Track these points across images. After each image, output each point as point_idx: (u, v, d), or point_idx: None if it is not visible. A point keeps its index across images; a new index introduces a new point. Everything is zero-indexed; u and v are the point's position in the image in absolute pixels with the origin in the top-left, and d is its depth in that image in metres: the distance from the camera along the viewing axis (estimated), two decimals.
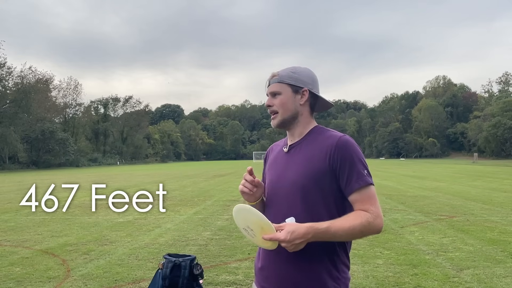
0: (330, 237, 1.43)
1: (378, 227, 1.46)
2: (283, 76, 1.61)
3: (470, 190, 14.59)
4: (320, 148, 1.53)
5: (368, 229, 1.44)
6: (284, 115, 1.60)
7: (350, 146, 1.50)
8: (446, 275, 4.63)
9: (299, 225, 1.41)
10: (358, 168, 1.48)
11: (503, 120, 67.36)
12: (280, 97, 1.60)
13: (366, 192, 1.48)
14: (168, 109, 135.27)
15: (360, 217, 1.44)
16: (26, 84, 54.90)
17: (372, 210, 1.45)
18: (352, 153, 1.50)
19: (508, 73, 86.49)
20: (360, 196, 1.47)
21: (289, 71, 1.62)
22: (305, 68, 1.65)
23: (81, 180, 24.57)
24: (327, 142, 1.53)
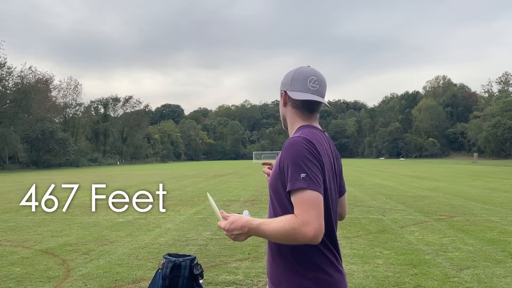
0: (262, 235, 1.45)
1: (306, 235, 1.35)
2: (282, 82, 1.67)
3: (470, 190, 14.59)
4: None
5: (292, 234, 1.36)
6: (283, 121, 1.71)
7: (292, 148, 1.46)
8: (446, 275, 4.63)
9: (240, 218, 1.49)
10: (293, 171, 1.42)
11: (503, 120, 67.32)
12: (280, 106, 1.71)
13: (298, 196, 1.39)
14: (168, 109, 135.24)
15: (287, 221, 1.38)
16: (26, 84, 54.88)
17: (300, 216, 1.36)
18: (292, 155, 1.45)
19: (508, 73, 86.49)
20: (294, 200, 1.41)
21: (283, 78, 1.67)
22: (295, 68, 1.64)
23: (81, 180, 24.56)
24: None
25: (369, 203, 10.89)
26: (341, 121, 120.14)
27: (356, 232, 7.11)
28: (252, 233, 1.47)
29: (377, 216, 8.80)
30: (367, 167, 40.32)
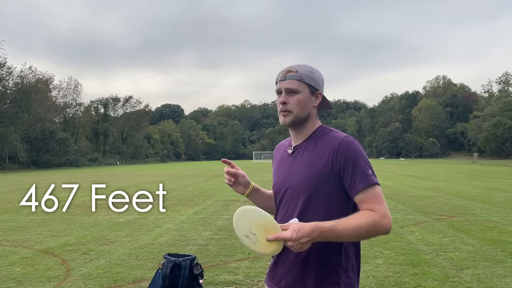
0: (335, 237, 1.39)
1: (386, 227, 1.42)
2: (303, 75, 1.54)
3: (470, 190, 14.59)
4: (323, 149, 1.51)
5: (375, 229, 1.40)
6: (298, 115, 1.55)
7: (353, 147, 1.48)
8: (446, 275, 4.63)
9: (304, 224, 1.38)
10: (362, 168, 1.46)
11: (503, 120, 67.32)
12: (298, 96, 1.53)
13: (371, 192, 1.44)
14: (168, 109, 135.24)
15: (366, 216, 1.41)
16: (26, 84, 54.86)
17: (378, 209, 1.42)
18: (355, 153, 1.47)
19: (508, 73, 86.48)
20: (365, 196, 1.44)
21: (308, 71, 1.55)
22: (317, 69, 1.62)
23: (81, 180, 24.56)
24: (330, 143, 1.51)
25: None
26: (341, 121, 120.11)
27: None
28: (321, 237, 1.38)
29: None
30: None
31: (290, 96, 1.54)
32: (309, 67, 1.57)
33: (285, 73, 1.55)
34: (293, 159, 1.59)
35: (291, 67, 1.56)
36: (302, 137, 1.60)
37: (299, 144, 1.60)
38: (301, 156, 1.57)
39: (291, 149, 1.61)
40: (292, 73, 1.54)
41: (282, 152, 1.68)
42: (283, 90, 1.55)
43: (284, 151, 1.67)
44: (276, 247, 1.40)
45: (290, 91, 1.54)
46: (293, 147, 1.61)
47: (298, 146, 1.60)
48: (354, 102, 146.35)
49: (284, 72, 1.56)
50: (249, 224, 1.43)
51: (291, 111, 1.54)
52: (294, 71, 1.54)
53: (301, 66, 1.57)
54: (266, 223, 1.41)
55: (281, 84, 1.56)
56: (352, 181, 1.45)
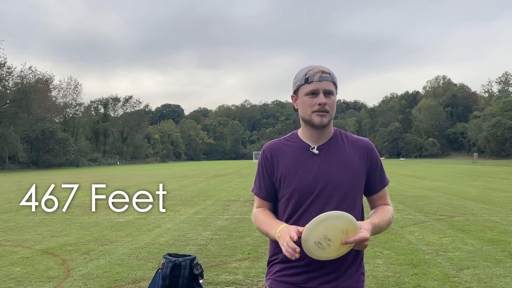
0: (376, 232, 1.58)
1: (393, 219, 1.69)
2: (334, 77, 1.61)
3: (470, 190, 14.59)
4: (355, 150, 1.64)
5: (391, 221, 1.66)
6: (332, 116, 1.61)
7: (377, 151, 1.71)
8: (446, 275, 4.63)
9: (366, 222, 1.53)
10: (384, 170, 1.72)
11: (503, 120, 67.31)
12: (333, 98, 1.60)
13: (386, 190, 1.73)
14: (168, 109, 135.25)
15: (389, 211, 1.67)
16: (26, 84, 54.86)
17: (391, 204, 1.73)
18: (379, 156, 1.72)
19: (508, 73, 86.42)
20: (383, 193, 1.71)
21: (333, 73, 1.62)
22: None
23: (81, 180, 24.56)
24: (360, 145, 1.66)
25: None
26: (341, 121, 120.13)
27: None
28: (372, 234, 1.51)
29: None
30: None
31: (328, 98, 1.58)
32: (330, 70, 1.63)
33: (321, 73, 1.57)
34: (322, 158, 1.60)
35: (324, 68, 1.60)
36: (325, 137, 1.64)
37: (323, 144, 1.63)
38: (331, 155, 1.61)
39: (315, 149, 1.61)
40: (326, 74, 1.58)
41: (296, 152, 1.63)
42: (320, 91, 1.56)
43: (297, 151, 1.63)
44: (345, 249, 1.45)
45: (328, 93, 1.58)
46: (317, 147, 1.62)
47: (323, 146, 1.62)
48: (354, 102, 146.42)
49: (320, 72, 1.57)
50: (329, 229, 1.40)
51: (329, 111, 1.58)
52: (328, 73, 1.59)
53: (326, 67, 1.62)
54: (349, 226, 1.41)
55: (319, 84, 1.56)
56: (379, 180, 1.69)
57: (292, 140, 1.67)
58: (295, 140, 1.66)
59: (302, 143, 1.64)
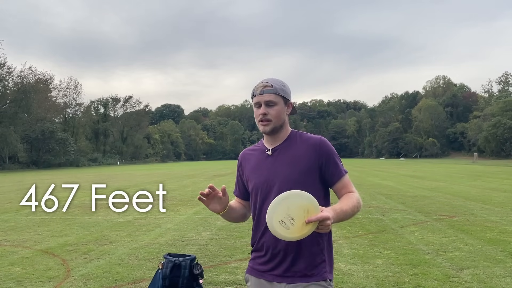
0: (342, 218, 1.66)
1: (361, 205, 1.78)
2: (278, 89, 1.77)
3: (470, 190, 14.59)
4: (305, 147, 1.78)
5: (359, 207, 1.74)
6: (276, 124, 1.78)
7: (330, 145, 1.81)
8: (446, 275, 4.63)
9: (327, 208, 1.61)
10: (338, 161, 1.81)
11: (503, 120, 67.30)
12: (276, 108, 1.77)
13: (346, 179, 1.81)
14: (168, 109, 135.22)
15: (353, 198, 1.75)
16: (26, 84, 54.82)
17: (355, 191, 1.79)
18: (332, 150, 1.80)
19: (508, 73, 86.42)
20: (343, 183, 1.80)
21: (280, 84, 1.79)
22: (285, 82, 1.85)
23: (81, 180, 24.56)
24: (310, 142, 1.79)
25: (369, 203, 10.88)
26: (341, 121, 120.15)
27: (356, 232, 7.11)
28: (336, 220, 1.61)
29: (377, 216, 8.80)
30: (367, 167, 40.31)
31: (269, 108, 1.76)
32: (280, 81, 1.81)
33: (262, 88, 1.77)
34: (275, 158, 1.80)
35: (266, 82, 1.78)
36: (279, 140, 1.82)
37: (277, 145, 1.82)
38: (283, 155, 1.79)
39: (270, 151, 1.82)
40: (268, 87, 1.77)
41: (257, 156, 1.87)
42: (262, 103, 1.76)
43: (258, 155, 1.86)
44: (309, 230, 1.53)
45: (269, 104, 1.76)
46: (271, 149, 1.82)
47: (277, 147, 1.81)
48: (354, 102, 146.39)
49: (262, 87, 1.77)
50: (291, 208, 1.53)
51: (271, 120, 1.76)
52: (270, 86, 1.77)
53: (274, 80, 1.79)
54: (310, 205, 1.54)
55: (260, 97, 1.77)
56: (333, 173, 1.78)
57: (257, 146, 1.91)
58: (259, 146, 1.90)
59: (263, 147, 1.86)
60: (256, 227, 1.86)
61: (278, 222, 1.53)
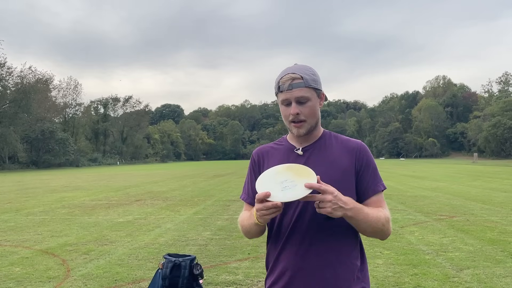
0: (361, 219, 1.38)
1: (390, 231, 1.50)
2: (309, 80, 1.46)
3: (470, 190, 14.59)
4: (342, 150, 1.52)
5: (387, 227, 1.46)
6: (312, 123, 1.50)
7: (370, 153, 1.57)
8: (446, 275, 4.63)
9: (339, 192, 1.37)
10: (378, 174, 1.56)
11: (503, 120, 67.34)
12: (309, 104, 1.47)
13: (381, 196, 1.54)
14: (168, 109, 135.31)
15: (383, 212, 1.47)
16: (26, 84, 54.83)
17: (387, 211, 1.50)
18: (372, 159, 1.56)
19: (508, 73, 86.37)
20: (377, 199, 1.51)
21: (310, 73, 1.48)
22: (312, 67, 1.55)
23: (81, 180, 24.57)
24: (348, 145, 1.54)
25: None
26: (341, 121, 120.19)
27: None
28: (352, 212, 1.35)
29: None
30: None
31: (302, 106, 1.46)
32: (309, 69, 1.50)
33: (290, 81, 1.45)
34: (306, 159, 1.51)
35: (294, 73, 1.45)
36: (311, 139, 1.55)
37: (309, 145, 1.55)
38: (315, 156, 1.52)
39: (300, 150, 1.54)
40: (298, 80, 1.44)
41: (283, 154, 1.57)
42: (293, 101, 1.45)
43: (284, 153, 1.57)
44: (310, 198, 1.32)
45: (301, 100, 1.46)
46: (301, 148, 1.54)
47: (308, 147, 1.54)
48: (354, 102, 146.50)
49: (289, 80, 1.45)
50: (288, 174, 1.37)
51: (305, 120, 1.48)
52: (299, 77, 1.44)
53: (302, 69, 1.48)
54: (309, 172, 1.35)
55: (289, 94, 1.45)
56: (373, 181, 1.52)
57: (280, 143, 1.63)
58: (283, 143, 1.61)
59: (289, 145, 1.58)
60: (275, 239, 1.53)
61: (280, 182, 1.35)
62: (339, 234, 1.45)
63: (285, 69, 1.51)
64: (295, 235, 1.46)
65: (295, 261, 1.45)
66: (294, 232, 1.46)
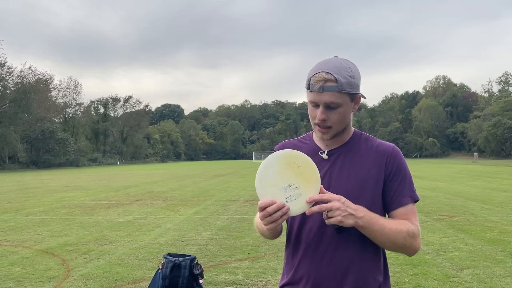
0: (376, 230, 1.26)
1: (416, 247, 1.34)
2: (344, 84, 1.28)
3: (470, 190, 14.59)
4: (372, 156, 1.38)
5: (410, 242, 1.30)
6: (338, 129, 1.36)
7: (403, 158, 1.39)
8: (446, 275, 4.63)
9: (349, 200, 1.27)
10: (411, 182, 1.38)
11: (503, 120, 67.36)
12: (339, 111, 1.32)
13: (413, 208, 1.36)
14: (168, 109, 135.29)
15: (408, 225, 1.31)
16: (26, 84, 54.83)
17: (415, 225, 1.33)
18: (405, 165, 1.39)
19: (508, 73, 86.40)
20: (407, 210, 1.35)
21: (347, 75, 1.30)
22: (353, 63, 1.38)
23: (81, 180, 24.57)
24: (379, 149, 1.39)
25: None
26: None
27: None
28: (364, 221, 1.24)
29: None
30: None
31: (331, 112, 1.32)
32: (347, 69, 1.31)
33: (322, 82, 1.28)
34: (331, 165, 1.39)
35: (328, 74, 1.28)
36: (338, 142, 1.42)
37: (335, 148, 1.41)
38: (341, 162, 1.39)
39: (325, 154, 1.41)
40: (331, 82, 1.28)
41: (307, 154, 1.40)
42: (321, 105, 1.31)
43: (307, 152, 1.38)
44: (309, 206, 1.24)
45: (330, 106, 1.31)
46: (326, 152, 1.41)
47: (335, 150, 1.41)
48: None
49: (321, 81, 1.29)
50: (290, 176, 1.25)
51: (331, 126, 1.34)
52: (334, 80, 1.28)
53: (339, 69, 1.30)
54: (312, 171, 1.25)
55: (319, 96, 1.30)
56: (399, 192, 1.35)
57: (305, 141, 1.50)
58: (308, 142, 1.49)
59: (314, 145, 1.46)
60: (294, 249, 1.41)
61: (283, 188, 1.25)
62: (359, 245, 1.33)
63: (321, 62, 1.36)
64: (314, 244, 1.36)
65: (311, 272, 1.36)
66: (313, 241, 1.36)
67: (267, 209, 1.23)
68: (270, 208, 1.22)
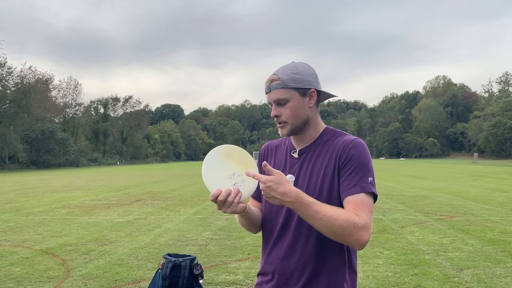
0: (309, 215, 1.27)
1: (361, 239, 1.27)
2: (286, 80, 1.40)
3: (470, 190, 14.59)
4: (331, 152, 1.41)
5: (350, 231, 1.26)
6: (295, 124, 1.43)
7: (362, 151, 1.39)
8: (446, 275, 4.63)
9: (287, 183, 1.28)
10: (365, 172, 1.36)
11: (503, 120, 67.38)
12: (289, 106, 1.41)
13: (363, 199, 1.32)
14: (168, 109, 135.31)
15: (348, 214, 1.28)
16: (26, 84, 54.85)
17: (362, 217, 1.28)
18: (363, 158, 1.38)
19: (508, 73, 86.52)
20: (354, 200, 1.32)
21: (290, 72, 1.41)
22: (302, 63, 1.47)
23: (81, 180, 24.57)
24: (336, 145, 1.42)
25: None
26: (341, 121, 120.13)
27: None
28: (295, 206, 1.27)
29: (377, 216, 8.80)
30: None
31: (281, 108, 1.42)
32: (291, 68, 1.43)
33: (269, 83, 1.43)
34: (301, 164, 1.46)
35: (273, 75, 1.43)
36: (307, 140, 1.48)
37: (305, 147, 1.48)
38: (309, 160, 1.45)
39: (296, 153, 1.48)
40: (275, 81, 1.41)
41: (282, 155, 1.55)
42: (272, 103, 1.44)
43: (283, 153, 1.54)
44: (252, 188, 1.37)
45: (280, 102, 1.42)
46: (298, 151, 1.48)
47: (304, 149, 1.48)
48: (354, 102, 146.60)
49: (268, 82, 1.43)
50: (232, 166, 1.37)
51: (286, 121, 1.43)
52: (277, 79, 1.41)
53: (283, 69, 1.43)
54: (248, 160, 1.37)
55: (269, 96, 1.44)
56: (349, 181, 1.34)
57: (285, 141, 1.58)
58: (287, 142, 1.56)
59: (290, 145, 1.53)
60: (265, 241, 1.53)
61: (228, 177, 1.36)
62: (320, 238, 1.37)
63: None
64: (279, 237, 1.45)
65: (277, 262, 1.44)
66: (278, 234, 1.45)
67: (218, 198, 1.34)
68: (220, 197, 1.33)
